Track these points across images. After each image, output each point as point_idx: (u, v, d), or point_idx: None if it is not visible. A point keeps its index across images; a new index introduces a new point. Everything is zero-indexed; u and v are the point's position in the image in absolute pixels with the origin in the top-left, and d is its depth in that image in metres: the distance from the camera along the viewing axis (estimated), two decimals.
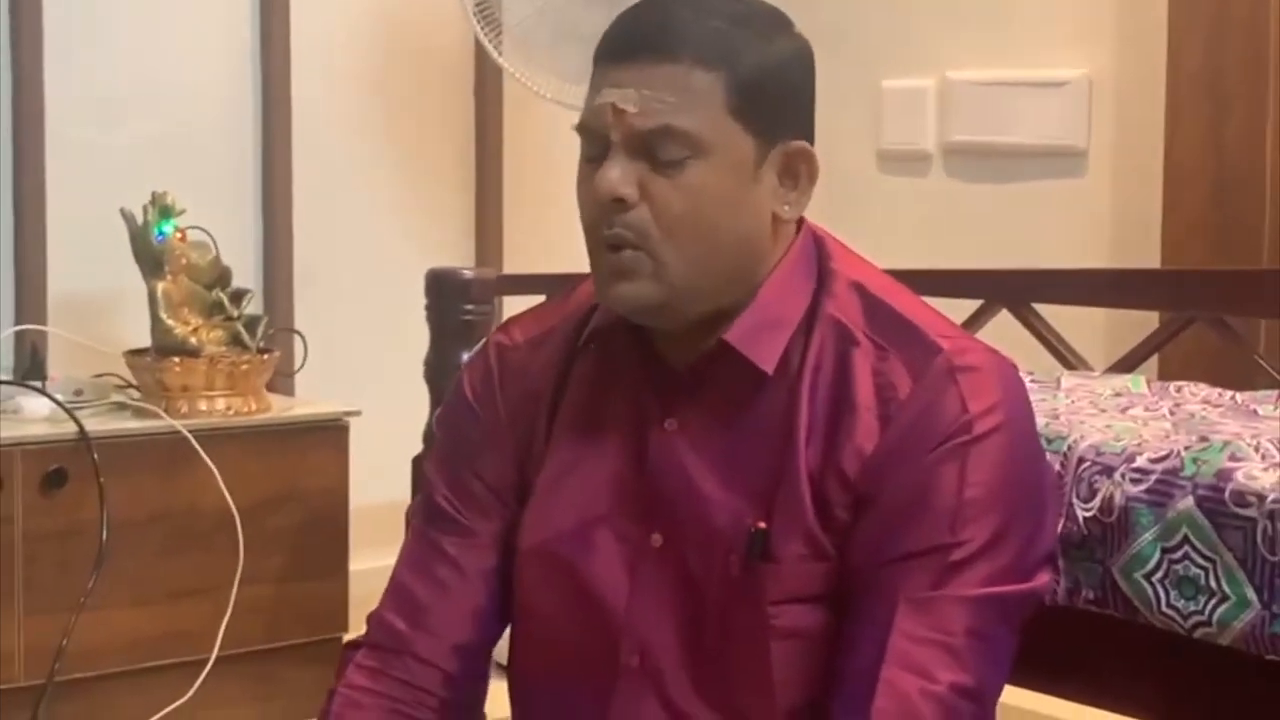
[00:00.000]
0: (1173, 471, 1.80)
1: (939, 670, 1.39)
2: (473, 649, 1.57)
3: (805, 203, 1.50)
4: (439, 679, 1.54)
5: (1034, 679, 1.95)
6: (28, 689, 2.52)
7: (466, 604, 1.56)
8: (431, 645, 1.55)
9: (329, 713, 1.54)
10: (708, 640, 1.48)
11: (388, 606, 1.58)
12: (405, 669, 1.54)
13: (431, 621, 1.55)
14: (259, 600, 2.85)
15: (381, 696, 1.53)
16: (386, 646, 1.55)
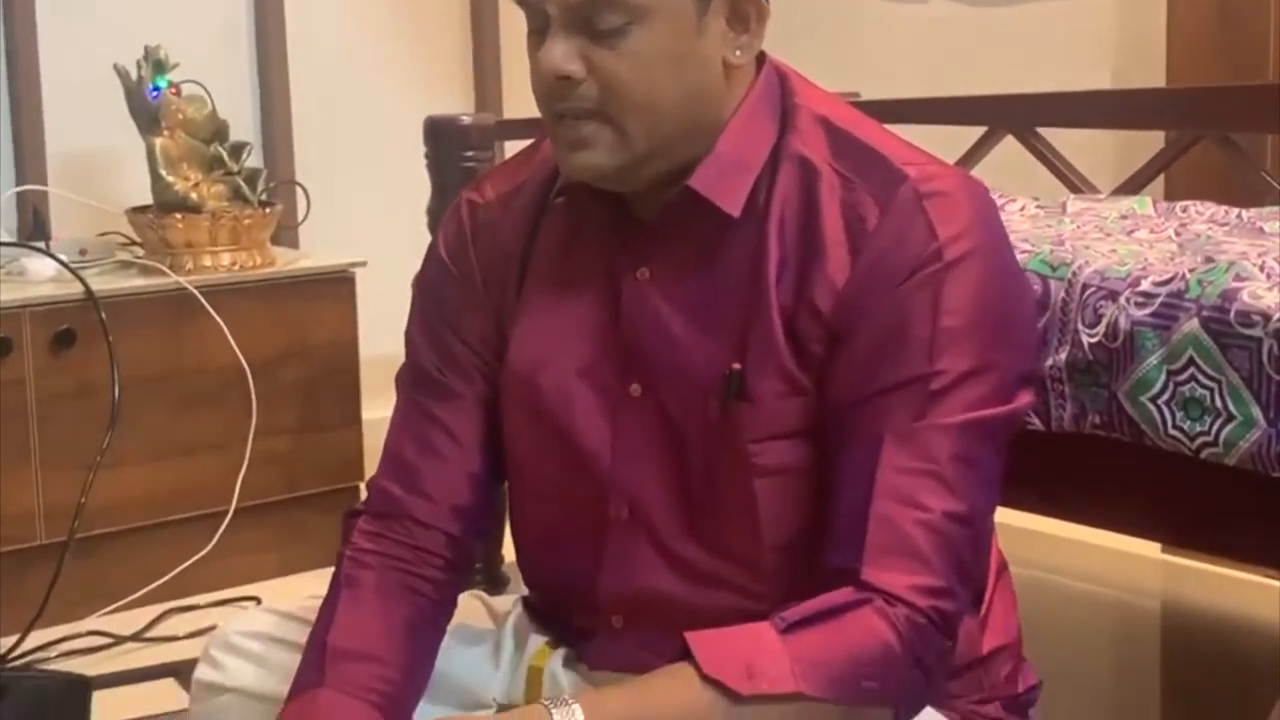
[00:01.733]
0: (1178, 294, 1.80)
1: (930, 499, 1.39)
2: (471, 510, 1.58)
3: (758, 44, 1.47)
4: (441, 540, 1.56)
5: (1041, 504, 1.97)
6: (49, 547, 2.55)
7: (460, 467, 1.57)
8: (430, 509, 1.56)
9: (339, 575, 1.56)
10: (694, 484, 1.49)
11: (384, 474, 1.59)
12: (407, 532, 1.55)
13: (427, 487, 1.56)
14: (275, 452, 2.87)
15: (386, 558, 1.55)
16: (386, 513, 1.57)
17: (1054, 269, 1.92)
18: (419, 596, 1.55)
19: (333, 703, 1.45)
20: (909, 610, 1.36)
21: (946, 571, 1.39)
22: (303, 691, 1.47)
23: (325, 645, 1.49)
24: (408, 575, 1.55)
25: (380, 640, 1.50)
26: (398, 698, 1.49)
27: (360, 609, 1.53)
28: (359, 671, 1.47)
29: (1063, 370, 1.88)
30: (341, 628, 1.51)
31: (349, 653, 1.48)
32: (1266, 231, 2.17)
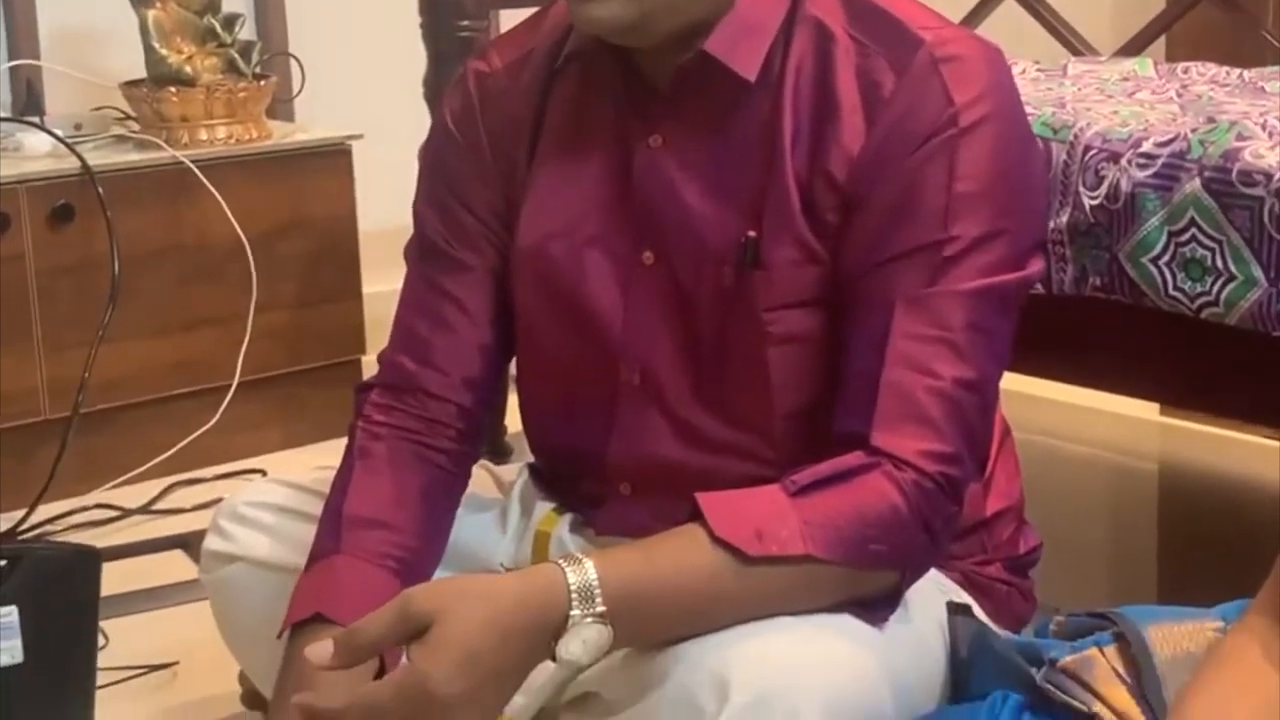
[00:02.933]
0: (1179, 154, 1.80)
1: (941, 366, 1.40)
2: (482, 381, 1.59)
3: None
4: (452, 411, 1.57)
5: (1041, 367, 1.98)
6: (54, 422, 2.57)
7: (471, 339, 1.58)
8: (441, 381, 1.57)
9: (352, 447, 1.57)
10: (705, 352, 1.50)
11: (395, 347, 1.60)
12: (419, 404, 1.56)
13: (438, 359, 1.57)
14: (276, 327, 2.88)
15: (399, 429, 1.56)
16: (398, 385, 1.57)
17: (1055, 131, 1.92)
18: (433, 466, 1.56)
19: (350, 568, 1.47)
20: (917, 475, 1.37)
21: (955, 438, 1.40)
22: (320, 558, 1.49)
23: (341, 513, 1.51)
24: (421, 446, 1.56)
25: (396, 508, 1.52)
26: (414, 564, 1.50)
27: (375, 478, 1.54)
28: (375, 538, 1.49)
29: (1064, 233, 1.88)
30: (357, 496, 1.52)
31: (365, 520, 1.50)
32: (1268, 91, 2.16)
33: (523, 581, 1.30)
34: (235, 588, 1.63)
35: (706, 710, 1.31)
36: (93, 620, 1.85)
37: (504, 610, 1.26)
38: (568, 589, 1.28)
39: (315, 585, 1.47)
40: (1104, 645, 1.35)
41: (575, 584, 1.28)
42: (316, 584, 1.47)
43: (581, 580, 1.29)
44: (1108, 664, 1.32)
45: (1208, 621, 1.34)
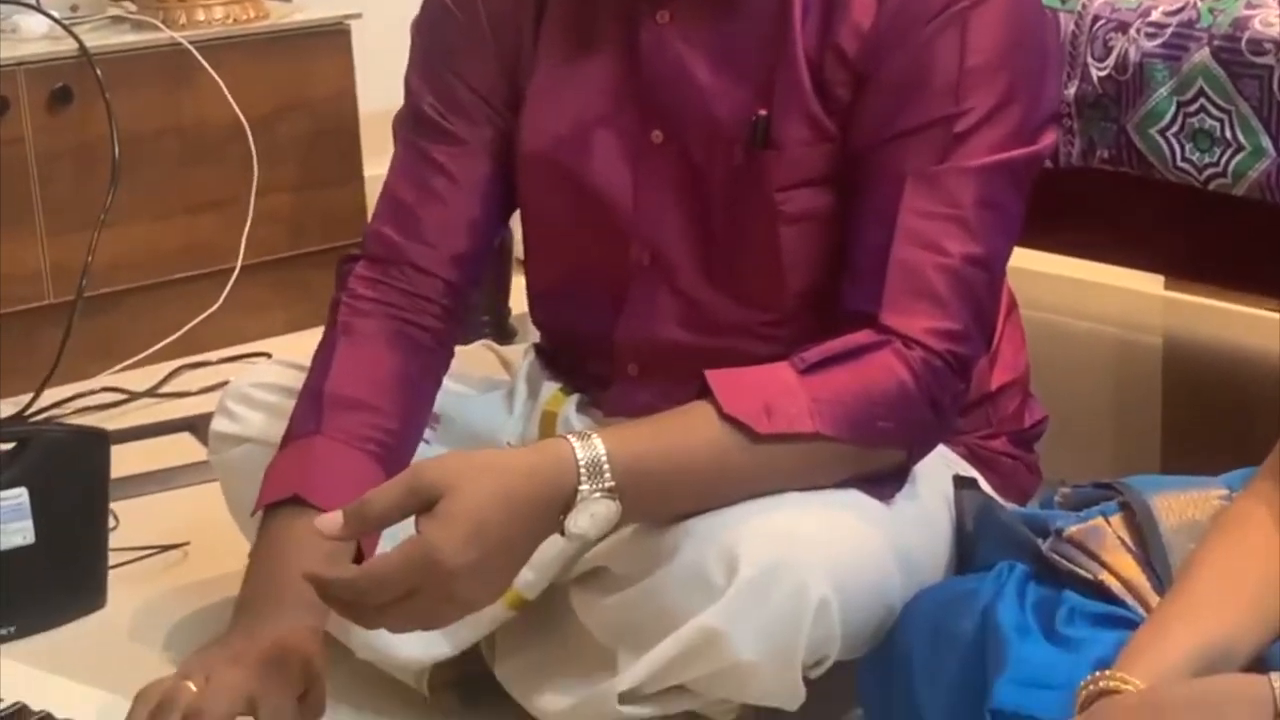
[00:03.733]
0: (1188, 24, 1.78)
1: (950, 243, 1.40)
2: (469, 257, 1.57)
3: None
4: (438, 287, 1.55)
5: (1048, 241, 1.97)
6: (58, 306, 2.56)
7: (460, 213, 1.56)
8: (428, 255, 1.55)
9: (335, 322, 1.56)
10: (716, 231, 1.49)
11: (382, 219, 1.58)
12: (405, 278, 1.55)
13: (426, 232, 1.55)
14: (277, 209, 2.87)
15: (384, 304, 1.54)
16: (384, 258, 1.56)
17: (1064, 1, 1.90)
18: (417, 345, 1.55)
19: (330, 450, 1.46)
20: (925, 353, 1.37)
21: (963, 315, 1.40)
22: (298, 438, 1.48)
23: (321, 392, 1.50)
24: (405, 323, 1.55)
25: (378, 389, 1.51)
26: (395, 447, 1.50)
27: (357, 357, 1.53)
28: (356, 420, 1.48)
29: (1071, 105, 1.86)
30: (339, 375, 1.51)
31: (346, 401, 1.49)
32: None
33: (532, 455, 1.31)
34: (244, 469, 1.64)
35: (715, 584, 1.33)
36: (103, 501, 1.86)
37: (513, 483, 1.27)
38: (577, 464, 1.29)
39: (293, 466, 1.46)
40: (1110, 515, 1.36)
41: (584, 459, 1.29)
42: (294, 465, 1.46)
43: (590, 455, 1.29)
44: (1113, 533, 1.33)
45: (1213, 490, 1.35)
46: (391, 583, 1.23)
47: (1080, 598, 1.31)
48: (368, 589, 1.24)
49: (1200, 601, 1.19)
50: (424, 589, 1.24)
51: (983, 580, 1.36)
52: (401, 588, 1.23)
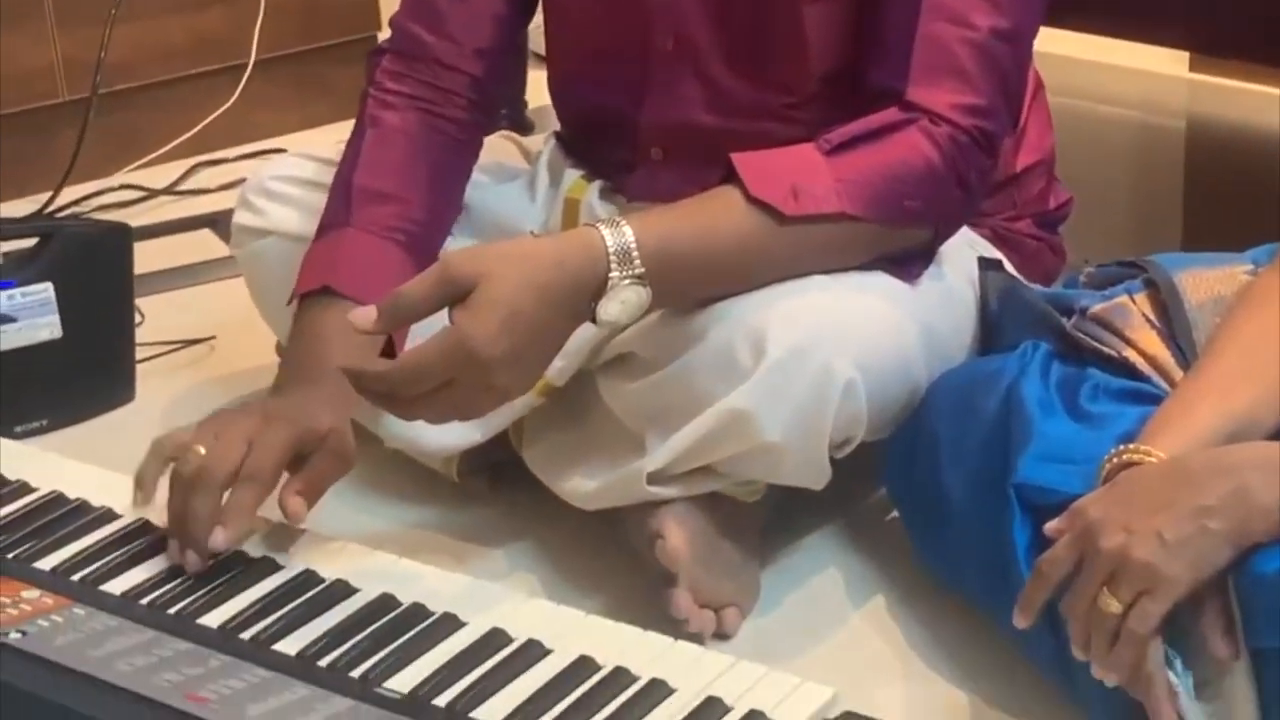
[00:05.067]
0: None
1: (977, 17, 1.38)
2: (494, 52, 1.57)
3: None
4: (464, 82, 1.56)
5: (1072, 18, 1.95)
6: (72, 104, 2.54)
7: (485, 8, 1.56)
8: (453, 51, 1.55)
9: (364, 114, 1.56)
10: (739, 14, 1.47)
11: (408, 13, 1.58)
12: (431, 73, 1.55)
13: (451, 28, 1.55)
14: (288, 2, 2.83)
15: (410, 98, 1.55)
16: (410, 54, 1.56)
17: None
18: (444, 137, 1.55)
19: (359, 241, 1.48)
20: (952, 129, 1.36)
21: (990, 90, 1.38)
22: (329, 230, 1.50)
23: (351, 184, 1.51)
24: (432, 116, 1.55)
25: (406, 181, 1.52)
26: (423, 237, 1.51)
27: (386, 148, 1.53)
28: (385, 212, 1.49)
29: None
30: (367, 167, 1.52)
31: (375, 193, 1.50)
32: None
33: (561, 244, 1.31)
34: (267, 261, 1.64)
35: (743, 365, 1.34)
36: (128, 294, 1.87)
37: (544, 271, 1.27)
38: (606, 251, 1.29)
39: (324, 257, 1.48)
40: (1134, 292, 1.37)
41: (613, 246, 1.29)
42: (325, 255, 1.48)
43: (619, 242, 1.29)
44: (1138, 310, 1.34)
45: (1238, 265, 1.35)
46: (428, 374, 1.24)
47: (1104, 375, 1.32)
48: (404, 381, 1.25)
49: (1225, 375, 1.20)
50: (460, 379, 1.25)
51: (1007, 359, 1.37)
52: (438, 379, 1.25)
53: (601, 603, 1.43)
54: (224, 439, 1.33)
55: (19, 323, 1.76)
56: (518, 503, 1.62)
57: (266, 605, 1.29)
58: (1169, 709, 1.09)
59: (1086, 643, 1.12)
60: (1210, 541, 1.08)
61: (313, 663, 1.22)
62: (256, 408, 1.38)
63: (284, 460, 1.34)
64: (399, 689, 1.19)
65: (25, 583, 1.29)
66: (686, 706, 1.17)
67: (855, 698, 1.21)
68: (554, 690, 1.19)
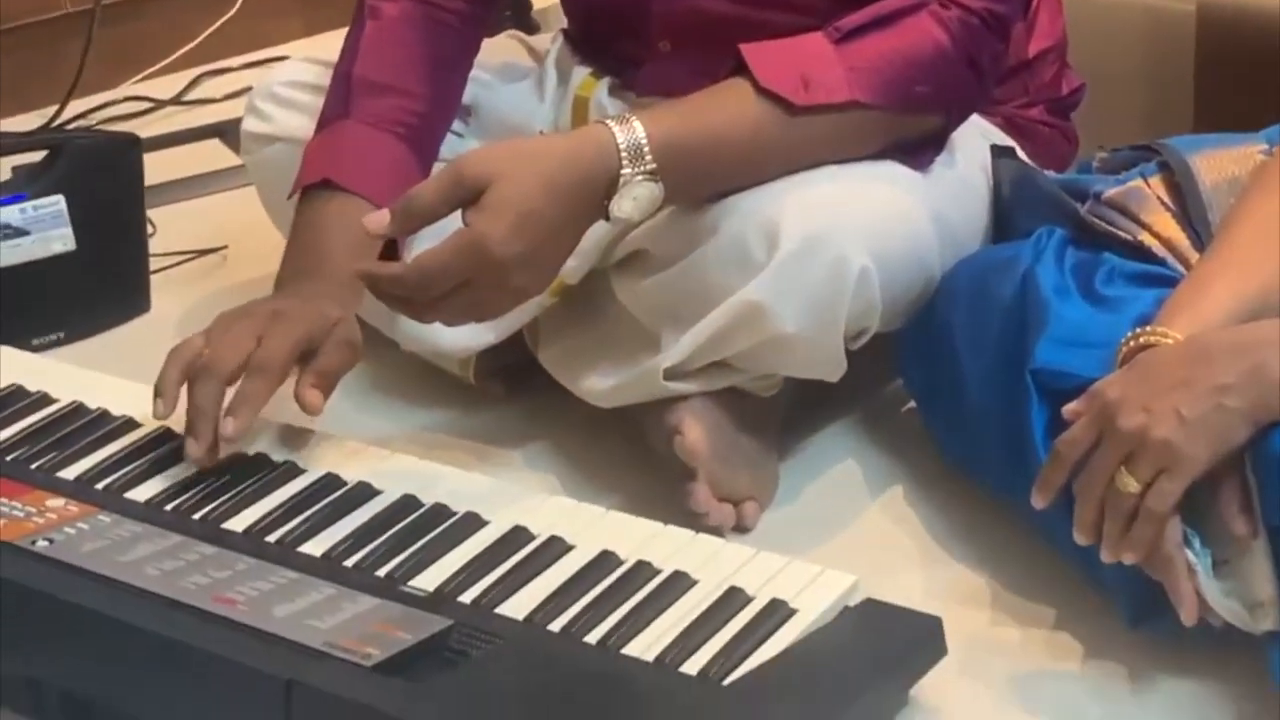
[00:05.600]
0: None
1: None
2: None
3: None
4: None
5: None
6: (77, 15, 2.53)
7: None
8: None
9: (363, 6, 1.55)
10: None
11: None
12: None
13: None
14: None
15: None
16: None
17: None
18: (443, 28, 1.55)
19: (359, 134, 1.48)
20: (963, 12, 1.35)
21: None
22: (329, 124, 1.50)
23: (350, 77, 1.50)
24: (432, 7, 1.54)
25: (406, 72, 1.51)
26: (423, 130, 1.50)
27: (385, 40, 1.53)
28: (385, 104, 1.49)
29: None
30: (366, 60, 1.51)
31: (374, 85, 1.50)
32: None
33: (573, 141, 1.31)
34: (277, 167, 1.64)
35: (757, 259, 1.34)
36: (139, 205, 1.87)
37: (556, 169, 1.27)
38: (617, 147, 1.29)
39: (324, 150, 1.48)
40: (1148, 176, 1.36)
41: (624, 142, 1.29)
42: (325, 149, 1.48)
43: (630, 138, 1.29)
44: (1152, 193, 1.34)
45: (1252, 145, 1.34)
46: (444, 275, 1.25)
47: (1119, 258, 1.32)
48: (420, 283, 1.25)
49: (1241, 255, 1.19)
50: (476, 280, 1.25)
51: (1021, 246, 1.37)
52: (454, 280, 1.25)
53: (620, 500, 1.43)
54: (230, 335, 1.33)
55: (32, 236, 1.76)
56: (534, 404, 1.62)
57: (290, 509, 1.30)
58: (1188, 588, 1.10)
59: (1092, 524, 1.12)
60: (1228, 419, 1.08)
61: (338, 563, 1.23)
62: (263, 305, 1.38)
63: (293, 353, 1.33)
64: (424, 587, 1.20)
65: (50, 492, 1.30)
66: (709, 597, 1.18)
67: (876, 586, 1.22)
68: (577, 585, 1.20)
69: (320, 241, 1.41)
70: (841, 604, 1.19)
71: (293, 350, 1.33)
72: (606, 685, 1.11)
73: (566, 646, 1.14)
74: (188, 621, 1.12)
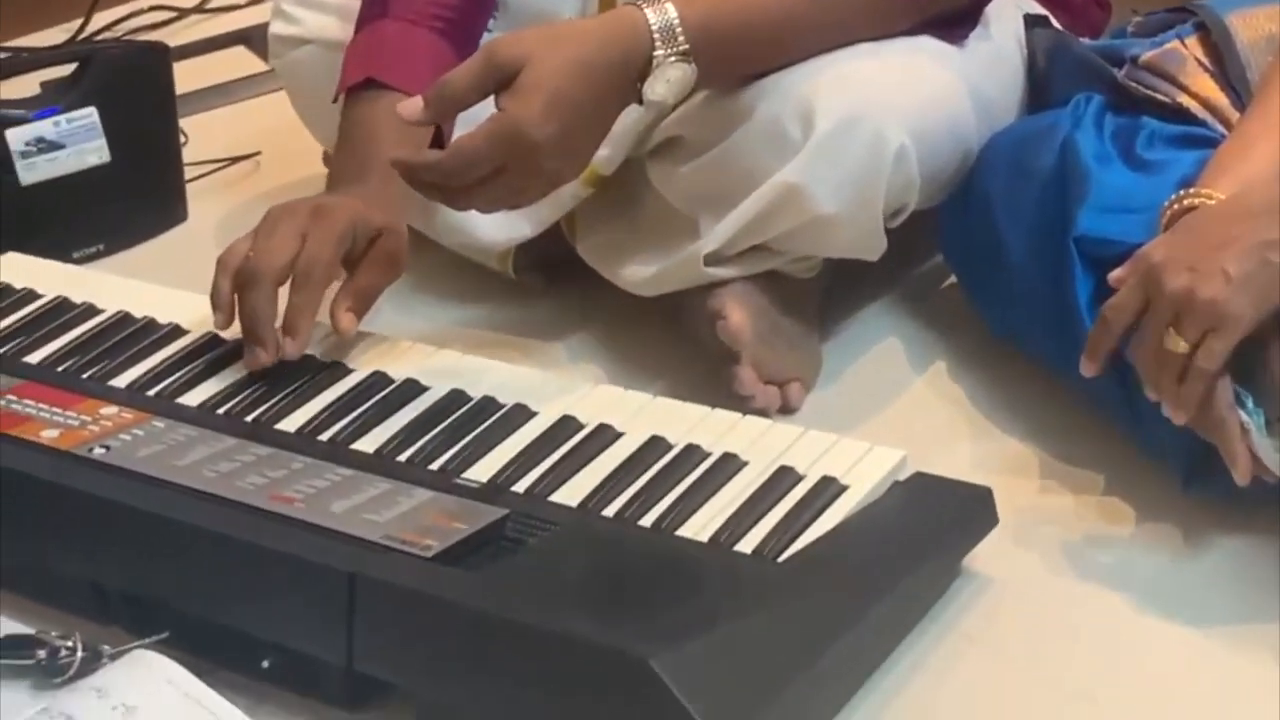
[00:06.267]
0: None
1: None
2: None
3: None
4: None
5: None
6: None
7: None
8: None
9: None
10: None
11: None
12: None
13: None
14: None
15: None
16: None
17: None
18: None
19: (398, 32, 1.47)
20: None
21: None
22: (367, 23, 1.49)
23: None
24: None
25: None
26: (461, 24, 1.49)
27: None
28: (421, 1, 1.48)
29: None
30: None
31: None
32: None
33: (605, 23, 1.30)
34: (308, 70, 1.64)
35: (793, 139, 1.33)
36: (171, 114, 1.86)
37: (589, 51, 1.26)
38: (650, 29, 1.28)
39: (365, 50, 1.47)
40: (1185, 37, 1.35)
41: (656, 24, 1.28)
42: (366, 48, 1.47)
43: (662, 20, 1.28)
44: (1190, 54, 1.32)
45: None
46: (477, 161, 1.25)
47: (1159, 122, 1.31)
48: (455, 169, 1.25)
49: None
50: (510, 165, 1.25)
51: (1059, 114, 1.36)
52: (488, 165, 1.25)
53: (664, 387, 1.44)
54: (275, 239, 1.33)
55: (67, 149, 1.76)
56: (575, 296, 1.63)
57: (340, 408, 1.31)
58: (1242, 448, 1.10)
59: (1158, 383, 1.12)
60: (1274, 275, 1.08)
61: (392, 459, 1.25)
62: (305, 202, 1.37)
63: (337, 254, 1.34)
64: (477, 479, 1.22)
65: (103, 400, 1.31)
66: (760, 477, 1.19)
67: (924, 460, 1.23)
68: (629, 470, 1.21)
69: (368, 141, 1.41)
70: (891, 479, 1.20)
71: (336, 250, 1.34)
72: (663, 566, 1.12)
73: (622, 531, 1.16)
74: (248, 521, 1.14)
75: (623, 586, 1.10)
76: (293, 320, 1.32)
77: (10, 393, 1.32)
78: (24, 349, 1.42)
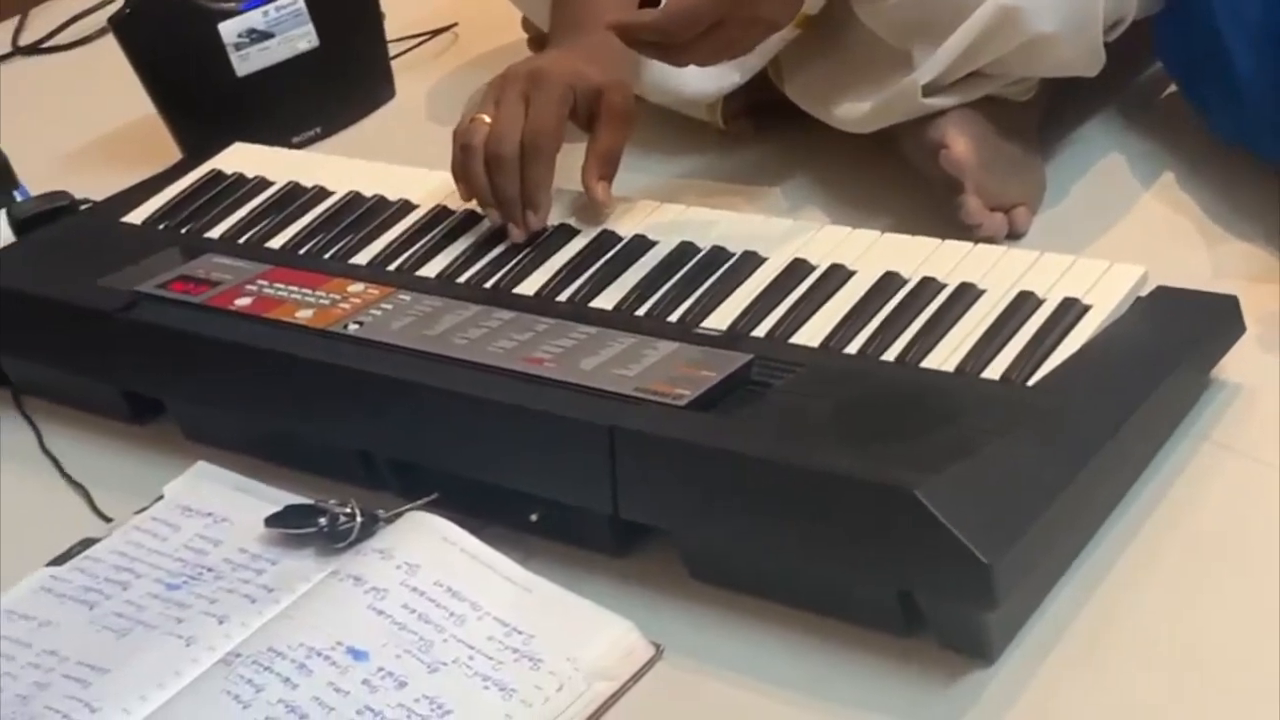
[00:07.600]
0: None
1: None
2: None
3: None
4: None
5: None
6: None
7: None
8: None
9: None
10: None
11: None
12: None
13: None
14: None
15: None
16: None
17: None
18: None
19: None
20: None
21: None
22: None
23: None
24: None
25: None
26: None
27: None
28: None
29: None
30: None
31: None
32: None
33: None
34: None
35: None
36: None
37: None
38: None
39: None
40: None
41: None
42: None
43: None
44: None
45: None
46: (697, 17, 1.25)
47: None
48: (674, 27, 1.26)
49: None
50: (728, 18, 1.25)
51: None
52: (707, 20, 1.25)
53: (889, 223, 1.43)
54: (503, 104, 1.35)
55: (277, 37, 1.80)
56: (787, 140, 1.63)
57: (574, 268, 1.33)
58: None
59: None
60: None
61: (630, 314, 1.27)
62: (524, 68, 1.39)
63: (561, 118, 1.36)
64: (717, 327, 1.23)
65: (348, 278, 1.35)
66: (1000, 304, 1.19)
67: (1163, 273, 1.21)
68: (866, 307, 1.22)
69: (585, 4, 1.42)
70: (1134, 295, 1.19)
71: (559, 116, 1.35)
72: (912, 398, 1.13)
73: (866, 366, 1.16)
74: (505, 384, 1.17)
75: (875, 421, 1.11)
76: (531, 194, 1.34)
77: (261, 278, 1.37)
78: (266, 234, 1.46)
